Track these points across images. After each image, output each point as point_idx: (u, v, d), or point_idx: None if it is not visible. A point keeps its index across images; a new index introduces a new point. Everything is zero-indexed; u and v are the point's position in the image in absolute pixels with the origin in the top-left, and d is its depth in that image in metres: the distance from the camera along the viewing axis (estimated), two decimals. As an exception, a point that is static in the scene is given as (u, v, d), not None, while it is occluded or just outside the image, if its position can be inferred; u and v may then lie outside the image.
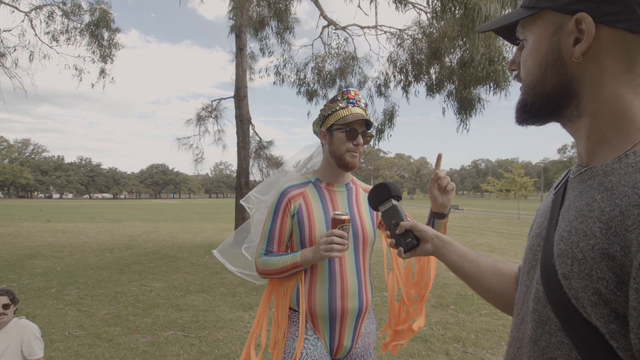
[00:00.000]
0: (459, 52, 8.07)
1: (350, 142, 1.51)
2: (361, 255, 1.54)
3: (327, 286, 1.47)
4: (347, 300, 1.47)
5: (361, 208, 1.59)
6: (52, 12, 10.55)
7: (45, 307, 4.76)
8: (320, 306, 1.46)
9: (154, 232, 14.30)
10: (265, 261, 1.51)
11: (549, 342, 0.55)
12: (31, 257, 8.23)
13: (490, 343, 3.84)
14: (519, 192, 34.16)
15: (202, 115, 11.48)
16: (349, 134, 1.51)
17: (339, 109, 1.54)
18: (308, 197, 1.54)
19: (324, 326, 1.49)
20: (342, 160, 1.53)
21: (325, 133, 1.58)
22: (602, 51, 0.55)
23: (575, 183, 0.60)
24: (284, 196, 1.54)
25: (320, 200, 1.54)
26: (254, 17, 9.21)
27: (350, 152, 1.52)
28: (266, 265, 1.51)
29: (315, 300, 1.47)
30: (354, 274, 1.50)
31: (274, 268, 1.48)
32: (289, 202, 1.53)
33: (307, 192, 1.55)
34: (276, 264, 1.48)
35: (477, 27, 0.76)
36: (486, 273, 0.86)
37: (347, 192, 1.61)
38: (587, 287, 0.48)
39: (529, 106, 0.63)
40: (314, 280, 1.48)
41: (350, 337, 1.51)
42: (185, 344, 3.66)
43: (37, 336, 2.54)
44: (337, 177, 1.60)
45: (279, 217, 1.53)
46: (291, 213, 1.53)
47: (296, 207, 1.52)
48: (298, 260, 1.44)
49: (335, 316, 1.47)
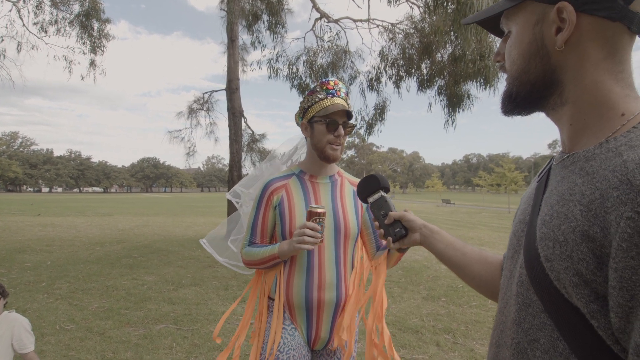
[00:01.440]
0: (450, 47, 8.10)
1: (331, 134, 1.50)
2: (342, 248, 1.53)
3: (305, 277, 1.48)
4: (323, 292, 1.48)
5: (345, 201, 1.57)
6: (40, 2, 10.35)
7: (36, 301, 4.72)
8: (297, 296, 1.48)
9: (145, 226, 14.21)
10: (249, 252, 1.55)
11: (532, 323, 0.57)
12: (21, 251, 8.14)
13: (480, 334, 3.91)
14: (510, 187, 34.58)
15: (194, 107, 11.39)
16: (330, 125, 1.50)
17: (318, 100, 1.53)
18: (290, 189, 1.54)
19: (300, 316, 1.50)
20: (323, 153, 1.52)
21: (306, 125, 1.57)
22: (583, 39, 0.56)
23: (557, 169, 0.62)
24: (266, 188, 1.55)
25: (303, 192, 1.54)
26: (246, 9, 9.13)
27: (331, 144, 1.51)
28: (249, 256, 1.54)
29: (293, 290, 1.48)
30: (333, 266, 1.50)
31: (256, 259, 1.51)
32: (271, 194, 1.54)
33: (290, 184, 1.56)
34: (257, 255, 1.51)
35: (463, 20, 0.77)
36: (472, 261, 0.89)
37: (331, 184, 1.60)
38: (569, 268, 0.50)
39: (514, 96, 0.64)
40: (292, 271, 1.50)
41: (328, 329, 1.52)
42: (178, 337, 3.67)
43: (27, 330, 2.53)
44: (321, 169, 1.59)
45: (261, 209, 1.55)
46: (273, 205, 1.54)
47: (278, 199, 1.53)
48: (276, 252, 1.46)
49: (311, 307, 1.48)
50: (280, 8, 9.17)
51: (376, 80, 9.94)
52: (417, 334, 3.88)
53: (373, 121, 10.10)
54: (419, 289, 5.64)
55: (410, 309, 4.67)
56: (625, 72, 0.57)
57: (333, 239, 1.51)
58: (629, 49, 0.57)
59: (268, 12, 9.24)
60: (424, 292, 5.46)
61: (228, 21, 9.69)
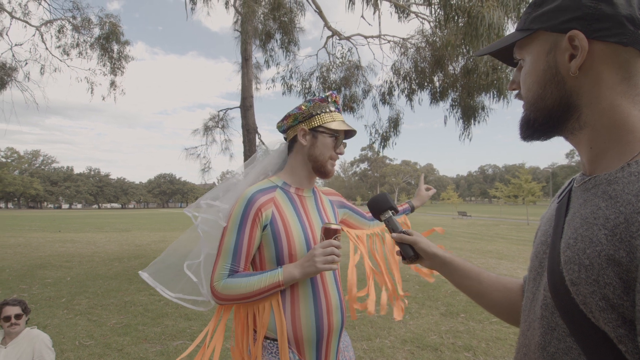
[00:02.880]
0: (462, 60, 8.11)
1: (334, 150, 1.42)
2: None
3: (312, 303, 1.30)
4: (332, 316, 1.34)
5: (328, 214, 1.50)
6: (62, 26, 10.79)
7: (56, 316, 4.80)
8: (307, 327, 1.29)
9: (162, 241, 14.37)
10: (231, 284, 1.27)
11: (557, 347, 0.56)
12: (41, 267, 8.31)
13: (502, 352, 3.80)
14: (527, 198, 33.86)
15: (209, 125, 11.59)
16: (338, 142, 1.42)
17: (328, 111, 1.42)
18: (280, 204, 1.34)
19: (310, 350, 1.31)
20: (324, 167, 1.41)
21: (306, 132, 1.41)
22: (596, 64, 0.58)
23: (579, 192, 0.62)
24: (252, 204, 1.30)
25: (293, 208, 1.37)
26: (259, 29, 9.33)
27: (332, 160, 1.43)
28: (232, 289, 1.26)
29: (301, 321, 1.29)
30: (334, 285, 1.40)
31: (245, 291, 1.25)
32: (259, 210, 1.30)
33: (278, 198, 1.36)
34: (248, 286, 1.25)
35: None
36: (490, 289, 0.88)
37: (314, 197, 1.50)
38: (595, 292, 0.50)
39: (532, 122, 0.66)
40: (296, 299, 1.29)
41: (335, 355, 1.39)
42: (194, 354, 3.66)
43: (48, 346, 2.58)
44: (309, 181, 1.46)
45: (246, 229, 1.29)
46: (262, 224, 1.30)
47: (268, 216, 1.31)
48: (280, 278, 1.24)
49: (322, 335, 1.31)
50: (292, 27, 9.34)
51: (389, 93, 9.98)
52: (436, 351, 3.79)
53: (387, 134, 10.11)
54: (437, 304, 5.53)
55: (429, 326, 4.57)
56: None
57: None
58: None
59: (281, 31, 9.43)
60: (442, 307, 5.36)
61: (242, 41, 9.91)
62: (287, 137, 1.48)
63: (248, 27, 9.08)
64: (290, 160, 1.46)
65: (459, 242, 15.04)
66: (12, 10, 10.22)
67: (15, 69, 10.75)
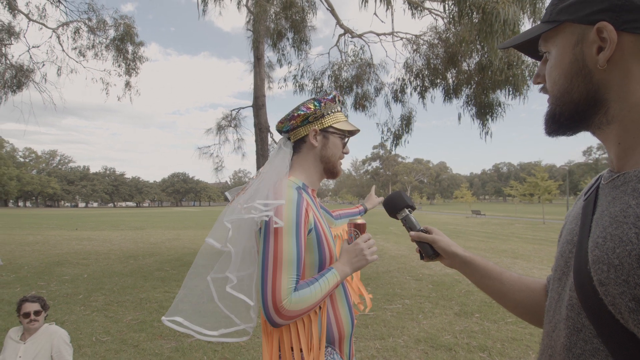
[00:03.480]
0: (477, 56, 8.00)
1: (342, 150, 1.42)
2: None
3: (345, 299, 1.33)
4: (353, 307, 1.39)
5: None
6: (78, 28, 10.99)
7: (73, 313, 4.90)
8: (346, 322, 1.29)
9: (176, 239, 14.55)
10: (302, 297, 1.13)
11: (584, 349, 0.54)
12: (59, 264, 8.49)
13: (518, 352, 3.74)
14: (543, 196, 33.26)
15: (222, 124, 11.68)
16: (345, 142, 1.42)
17: (337, 111, 1.41)
18: (311, 208, 1.27)
19: (346, 345, 1.32)
20: (335, 167, 1.41)
21: (317, 132, 1.36)
22: (625, 57, 0.56)
23: (607, 189, 0.60)
24: (302, 204, 1.20)
25: (317, 211, 1.35)
26: (271, 28, 9.36)
27: (340, 160, 1.43)
28: (304, 302, 1.12)
29: (342, 318, 1.28)
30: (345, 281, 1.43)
31: (315, 300, 1.15)
32: (307, 212, 1.21)
33: (308, 200, 1.28)
34: (317, 294, 1.15)
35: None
36: (512, 289, 0.86)
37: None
38: (625, 293, 0.48)
39: (558, 116, 0.64)
40: (335, 298, 1.28)
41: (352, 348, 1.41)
42: (209, 350, 3.70)
43: (66, 342, 2.62)
44: (319, 182, 1.45)
45: (301, 232, 1.17)
46: (308, 228, 1.21)
47: (312, 219, 1.23)
48: (339, 278, 1.22)
49: (353, 330, 1.34)
50: (304, 25, 9.34)
51: (401, 91, 9.91)
52: (450, 352, 3.75)
53: (400, 132, 10.04)
54: (450, 304, 5.48)
55: (442, 326, 4.53)
56: None
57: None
58: None
59: (292, 30, 9.44)
60: (456, 307, 5.30)
61: (254, 40, 9.96)
62: (293, 137, 1.39)
63: (260, 27, 9.11)
64: (300, 160, 1.38)
65: (473, 242, 14.86)
66: (29, 12, 10.44)
67: (33, 71, 11.00)
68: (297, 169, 1.38)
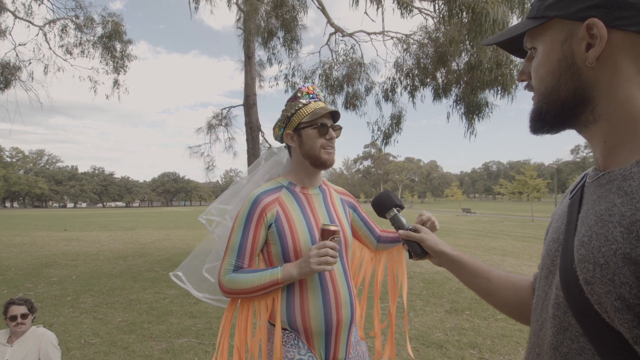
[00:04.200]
0: (466, 56, 8.05)
1: (323, 137, 1.42)
2: (346, 260, 1.47)
3: (321, 298, 1.36)
4: (341, 310, 1.38)
5: (338, 211, 1.52)
6: (65, 25, 10.82)
7: (62, 315, 4.83)
8: (315, 320, 1.35)
9: (166, 239, 14.43)
10: (235, 279, 1.35)
11: (570, 348, 0.55)
12: (47, 265, 8.36)
13: (507, 349, 3.78)
14: (532, 194, 33.69)
15: (213, 123, 11.59)
16: (321, 129, 1.42)
17: (302, 106, 1.45)
18: (285, 204, 1.41)
19: (319, 342, 1.37)
20: (319, 159, 1.43)
21: (292, 134, 1.47)
22: (614, 54, 0.55)
23: (593, 187, 0.60)
24: (257, 204, 1.38)
25: (299, 206, 1.43)
26: (261, 27, 9.32)
27: (324, 148, 1.43)
28: (235, 284, 1.35)
29: (310, 314, 1.35)
30: (344, 280, 1.42)
31: (247, 287, 1.33)
32: (263, 210, 1.38)
33: (283, 198, 1.42)
34: (250, 282, 1.33)
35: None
36: (499, 287, 0.86)
37: (322, 194, 1.52)
38: (610, 292, 0.48)
39: (544, 114, 0.63)
40: (305, 294, 1.36)
41: (344, 349, 1.43)
42: (200, 351, 3.68)
43: (54, 344, 2.59)
44: (312, 179, 1.50)
45: (251, 227, 1.37)
46: (267, 223, 1.38)
47: (273, 215, 1.38)
48: (279, 277, 1.31)
49: (331, 329, 1.37)
50: (294, 24, 9.31)
51: (391, 90, 9.95)
52: (441, 349, 3.78)
53: (390, 131, 10.08)
54: (441, 301, 5.52)
55: (434, 323, 4.56)
56: None
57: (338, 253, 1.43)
58: None
59: (283, 29, 9.40)
60: (447, 305, 5.34)
61: (244, 39, 9.89)
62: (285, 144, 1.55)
63: (250, 25, 9.06)
64: (292, 163, 1.53)
65: (464, 239, 14.98)
66: (15, 9, 10.26)
67: (19, 69, 10.81)
68: (290, 171, 1.53)
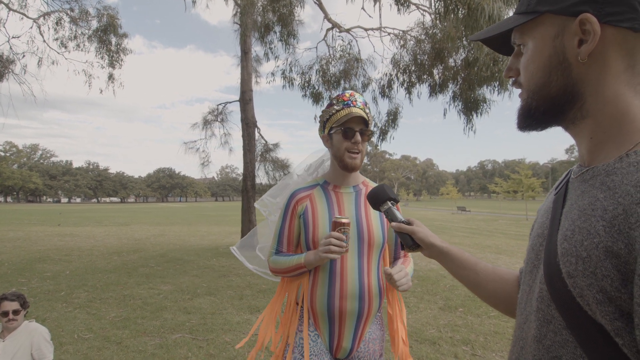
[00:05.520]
0: (463, 52, 8.05)
1: (348, 141, 1.53)
2: (366, 257, 1.53)
3: (327, 286, 1.50)
4: (345, 301, 1.49)
5: (369, 210, 1.58)
6: (60, 18, 10.70)
7: (55, 310, 4.81)
8: (320, 304, 1.51)
9: (161, 235, 14.39)
10: (276, 260, 1.60)
11: (553, 340, 0.55)
12: (40, 260, 8.32)
13: (500, 346, 3.82)
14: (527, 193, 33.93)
15: (209, 119, 11.55)
16: (346, 133, 1.53)
17: (335, 112, 1.57)
18: (314, 200, 1.59)
19: (323, 324, 1.53)
20: (343, 161, 1.56)
21: (327, 137, 1.63)
22: (605, 51, 0.55)
23: (577, 183, 0.60)
24: (292, 198, 1.61)
25: (327, 203, 1.58)
26: (258, 21, 9.26)
27: (349, 152, 1.54)
28: (276, 264, 1.59)
29: (316, 298, 1.52)
30: (355, 275, 1.51)
31: (283, 267, 1.56)
32: (296, 203, 1.59)
33: (314, 195, 1.60)
34: (284, 264, 1.56)
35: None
36: (486, 280, 0.87)
37: (355, 193, 1.61)
38: (592, 285, 0.49)
39: (534, 110, 0.63)
40: (316, 280, 1.53)
41: (350, 339, 1.52)
42: (193, 347, 3.68)
43: (46, 339, 2.57)
44: (343, 179, 1.62)
45: (287, 218, 1.60)
46: (298, 214, 1.59)
47: (302, 208, 1.58)
48: (302, 261, 1.50)
49: (333, 315, 1.50)
50: (291, 19, 9.26)
51: (388, 87, 9.93)
52: (434, 345, 3.81)
53: (386, 128, 10.08)
54: (435, 298, 5.55)
55: (427, 320, 4.59)
56: None
57: (356, 249, 1.52)
58: None
59: (280, 24, 9.35)
60: (441, 302, 5.37)
61: (241, 34, 9.85)
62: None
63: (247, 20, 9.02)
64: (331, 163, 1.68)
65: (458, 237, 15.06)
66: (9, 1, 10.12)
67: (13, 62, 10.68)
68: (328, 170, 1.71)
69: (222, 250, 9.95)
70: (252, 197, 10.20)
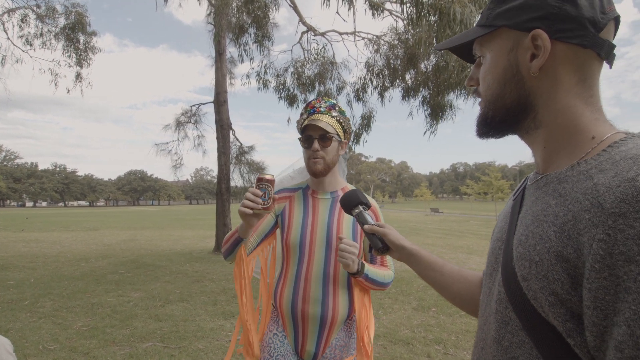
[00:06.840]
0: (434, 58, 8.23)
1: (309, 149, 1.55)
2: (332, 264, 1.51)
3: (292, 288, 1.53)
4: (308, 305, 1.50)
5: (342, 217, 1.57)
6: (25, 15, 10.27)
7: (19, 320, 4.58)
8: (286, 306, 1.54)
9: (132, 240, 13.97)
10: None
11: (511, 341, 0.58)
12: (3, 268, 7.91)
13: (471, 344, 3.91)
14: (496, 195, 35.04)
15: (182, 120, 11.33)
16: (305, 142, 1.57)
17: (302, 120, 1.60)
18: (293, 203, 1.63)
19: (289, 326, 1.55)
20: (308, 168, 1.58)
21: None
22: (556, 65, 0.58)
23: (532, 189, 0.63)
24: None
25: (303, 207, 1.60)
26: (232, 22, 9.18)
27: (311, 159, 1.55)
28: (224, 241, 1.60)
29: (283, 299, 1.55)
30: (320, 280, 1.50)
31: (226, 239, 1.57)
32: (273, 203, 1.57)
33: (294, 198, 1.64)
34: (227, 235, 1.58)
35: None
36: (451, 281, 0.91)
37: (331, 199, 1.61)
38: (545, 288, 0.51)
39: (490, 119, 0.66)
40: (284, 282, 1.56)
41: (314, 344, 1.52)
42: (165, 356, 3.59)
43: (9, 352, 2.46)
44: (319, 184, 1.63)
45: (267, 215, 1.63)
46: (275, 213, 1.63)
47: (280, 208, 1.63)
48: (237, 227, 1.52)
49: (297, 318, 1.52)
50: (266, 21, 9.23)
51: (362, 90, 10.04)
52: (408, 345, 3.87)
53: (360, 131, 10.17)
54: (409, 299, 5.64)
55: (401, 320, 4.66)
56: (595, 97, 0.59)
57: (323, 254, 1.51)
58: (597, 75, 0.60)
59: (255, 26, 9.30)
60: (414, 302, 5.46)
61: (215, 35, 9.72)
62: None
63: (221, 21, 8.92)
64: None
65: (431, 238, 15.36)
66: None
67: (-26, 60, 10.15)
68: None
69: (195, 255, 9.76)
70: (227, 200, 10.06)
